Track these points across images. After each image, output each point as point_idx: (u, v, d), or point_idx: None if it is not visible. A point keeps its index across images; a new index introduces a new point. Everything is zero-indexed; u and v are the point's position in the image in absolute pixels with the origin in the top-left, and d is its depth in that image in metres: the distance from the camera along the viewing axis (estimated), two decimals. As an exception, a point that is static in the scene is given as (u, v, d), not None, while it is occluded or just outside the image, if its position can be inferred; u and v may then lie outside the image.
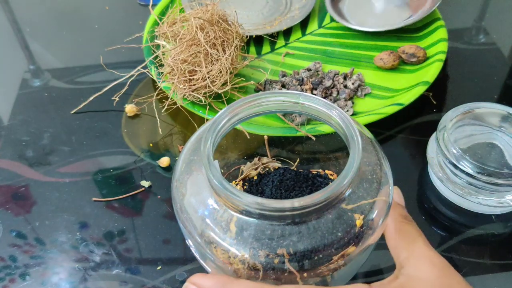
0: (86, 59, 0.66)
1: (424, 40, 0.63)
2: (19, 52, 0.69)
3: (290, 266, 0.29)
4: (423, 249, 0.31)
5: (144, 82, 0.61)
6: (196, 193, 0.32)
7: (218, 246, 0.30)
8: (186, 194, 0.33)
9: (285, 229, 0.29)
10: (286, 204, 0.28)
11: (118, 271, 0.44)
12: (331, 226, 0.30)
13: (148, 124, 0.57)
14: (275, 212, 0.29)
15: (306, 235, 0.29)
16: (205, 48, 0.52)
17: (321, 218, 0.30)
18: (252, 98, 0.34)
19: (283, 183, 0.39)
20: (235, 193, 0.29)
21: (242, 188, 0.42)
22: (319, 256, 0.29)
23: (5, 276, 0.44)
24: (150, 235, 0.46)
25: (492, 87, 0.60)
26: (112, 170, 0.52)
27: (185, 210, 0.32)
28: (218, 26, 0.54)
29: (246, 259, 0.29)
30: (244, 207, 0.29)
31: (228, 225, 0.30)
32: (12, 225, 0.47)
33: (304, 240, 0.29)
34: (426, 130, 0.53)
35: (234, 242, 0.30)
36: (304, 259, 0.29)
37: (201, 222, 0.31)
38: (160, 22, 0.59)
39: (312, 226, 0.30)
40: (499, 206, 0.44)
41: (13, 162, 0.53)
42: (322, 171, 0.42)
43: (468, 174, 0.43)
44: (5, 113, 0.59)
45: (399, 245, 0.32)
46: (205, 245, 0.31)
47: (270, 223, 0.29)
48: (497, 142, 0.47)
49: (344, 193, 0.30)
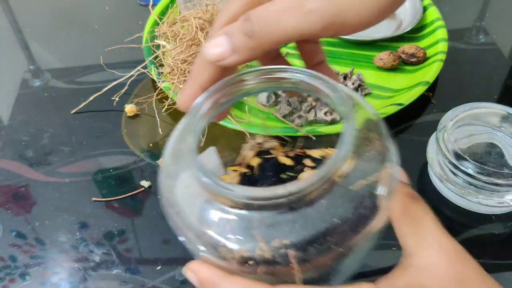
0: (86, 59, 0.66)
1: (424, 40, 0.63)
2: (19, 52, 0.69)
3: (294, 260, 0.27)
4: (433, 234, 0.28)
5: (144, 82, 0.61)
6: (185, 186, 0.30)
7: (211, 240, 0.28)
8: (175, 187, 0.30)
9: (282, 218, 0.27)
10: (279, 191, 0.25)
11: (118, 271, 0.44)
12: (331, 211, 0.27)
13: (148, 124, 0.57)
14: (269, 200, 0.26)
15: (304, 222, 0.26)
16: None
17: (319, 202, 0.27)
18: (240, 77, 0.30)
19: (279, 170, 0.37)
20: (225, 186, 0.26)
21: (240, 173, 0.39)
22: (320, 244, 0.27)
23: (5, 276, 0.44)
24: (150, 235, 0.46)
25: (492, 87, 0.60)
26: (112, 170, 0.52)
27: (175, 203, 0.30)
28: None
29: (241, 252, 0.27)
30: (236, 199, 0.27)
31: (221, 218, 0.28)
32: (12, 225, 0.47)
33: (303, 228, 0.26)
34: (426, 130, 0.53)
35: (228, 236, 0.28)
36: (303, 249, 0.27)
37: (192, 216, 0.29)
38: (160, 22, 0.59)
39: (311, 211, 0.27)
40: (499, 206, 0.44)
41: (13, 162, 0.53)
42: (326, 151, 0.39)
43: (468, 174, 0.43)
44: (5, 113, 0.59)
45: (406, 229, 0.29)
46: (197, 240, 0.29)
47: (265, 213, 0.27)
48: (497, 142, 0.47)
49: (343, 171, 0.27)
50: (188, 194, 0.30)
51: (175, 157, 0.32)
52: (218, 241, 0.28)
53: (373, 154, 0.29)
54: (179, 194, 0.30)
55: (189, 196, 0.30)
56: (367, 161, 0.29)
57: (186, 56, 0.52)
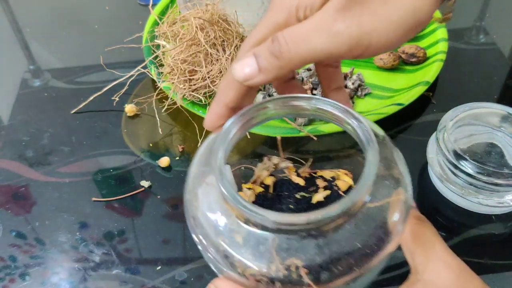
0: (86, 59, 0.66)
1: (424, 40, 0.63)
2: (19, 52, 0.69)
3: (308, 279, 0.28)
4: (441, 253, 0.30)
5: (144, 82, 0.61)
6: (210, 207, 0.31)
7: (234, 260, 0.30)
8: (199, 207, 0.32)
9: (303, 242, 0.29)
10: (302, 219, 0.27)
11: (118, 271, 0.44)
12: (349, 237, 0.29)
13: (148, 124, 0.57)
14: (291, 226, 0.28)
15: (324, 247, 0.28)
16: (205, 48, 0.52)
17: (339, 229, 0.29)
18: (264, 104, 0.32)
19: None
20: (250, 208, 0.28)
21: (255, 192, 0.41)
22: (338, 268, 0.28)
23: (5, 276, 0.44)
24: (150, 235, 0.46)
25: (492, 87, 0.60)
26: (112, 170, 0.52)
27: (200, 224, 0.31)
28: (218, 26, 0.54)
29: (263, 273, 0.29)
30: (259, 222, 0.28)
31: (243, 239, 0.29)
32: (12, 225, 0.47)
33: (322, 252, 0.28)
34: (426, 130, 0.53)
35: (250, 257, 0.29)
36: (322, 272, 0.28)
37: (216, 236, 0.30)
38: (160, 22, 0.59)
39: (330, 237, 0.29)
40: (499, 206, 0.44)
41: (13, 162, 0.53)
42: (336, 172, 0.41)
43: (468, 174, 0.43)
44: (5, 113, 0.59)
45: (416, 249, 0.31)
46: (221, 260, 0.30)
47: (287, 237, 0.29)
48: (497, 142, 0.47)
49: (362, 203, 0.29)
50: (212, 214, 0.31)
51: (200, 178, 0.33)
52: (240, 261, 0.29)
53: (390, 181, 0.31)
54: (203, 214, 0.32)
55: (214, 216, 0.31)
56: (384, 188, 0.30)
57: (186, 56, 0.52)
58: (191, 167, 0.34)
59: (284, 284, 0.29)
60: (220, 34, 0.54)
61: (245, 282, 0.30)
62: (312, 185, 0.39)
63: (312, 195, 0.38)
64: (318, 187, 0.39)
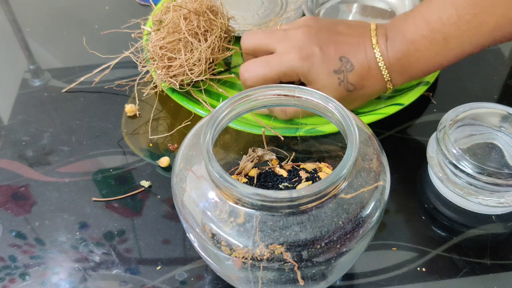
0: (86, 59, 0.66)
1: (424, 40, 0.63)
2: (19, 52, 0.69)
3: (289, 257, 0.30)
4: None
5: (145, 81, 0.61)
6: (197, 187, 0.33)
7: (220, 238, 0.31)
8: (187, 188, 0.33)
9: (286, 220, 0.30)
10: (284, 194, 0.29)
11: (118, 271, 0.44)
12: (331, 216, 0.30)
13: (148, 124, 0.57)
14: (275, 203, 0.29)
15: (307, 225, 0.30)
16: (185, 36, 0.52)
17: (321, 208, 0.30)
18: (249, 92, 0.35)
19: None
20: (235, 184, 0.29)
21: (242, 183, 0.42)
22: (320, 245, 0.30)
23: (5, 276, 0.44)
24: (150, 235, 0.46)
25: (492, 87, 0.60)
26: (112, 170, 0.52)
27: (186, 204, 0.33)
28: (204, 17, 0.54)
29: (248, 250, 0.30)
30: (245, 199, 0.30)
31: (229, 217, 0.31)
32: (12, 225, 0.47)
33: (305, 230, 0.30)
34: (426, 130, 0.53)
35: (235, 234, 0.30)
36: (304, 249, 0.30)
37: (203, 215, 0.32)
38: (155, 9, 0.59)
39: (312, 216, 0.30)
40: (499, 206, 0.44)
41: (13, 162, 0.53)
42: (318, 164, 0.43)
43: (468, 174, 0.43)
44: (5, 113, 0.59)
45: None
46: (207, 239, 0.32)
47: (271, 214, 0.30)
48: (497, 142, 0.47)
49: (342, 183, 0.31)
50: (199, 195, 0.33)
51: (188, 161, 0.35)
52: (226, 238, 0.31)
53: (369, 168, 0.33)
54: (190, 195, 0.33)
55: (200, 196, 0.32)
56: (364, 173, 0.33)
57: (165, 42, 0.53)
58: (179, 151, 0.36)
59: (268, 261, 0.30)
60: (204, 24, 0.54)
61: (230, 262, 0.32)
62: (295, 176, 0.41)
63: (295, 186, 0.40)
64: (301, 178, 0.40)
